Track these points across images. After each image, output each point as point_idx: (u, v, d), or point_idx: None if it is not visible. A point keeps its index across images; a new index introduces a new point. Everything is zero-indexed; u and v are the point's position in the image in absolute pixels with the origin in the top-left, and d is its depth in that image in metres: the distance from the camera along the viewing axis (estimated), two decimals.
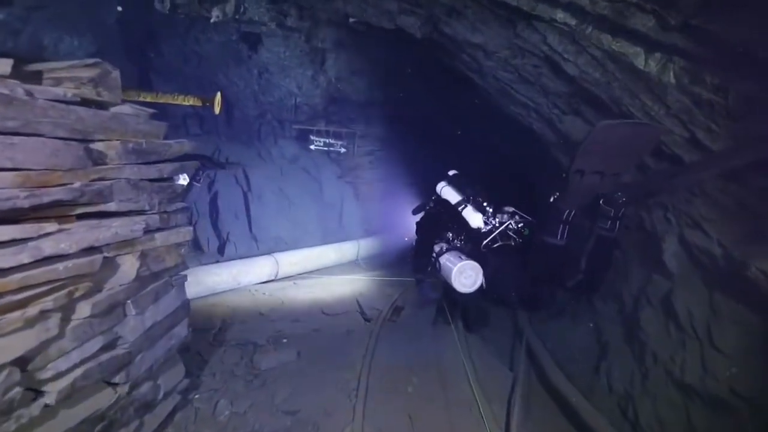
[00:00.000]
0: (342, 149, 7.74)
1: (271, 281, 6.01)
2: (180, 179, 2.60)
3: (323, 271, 6.85)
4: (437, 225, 3.70)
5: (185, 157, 2.57)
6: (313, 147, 7.64)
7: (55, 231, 1.61)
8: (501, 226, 3.33)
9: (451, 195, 3.61)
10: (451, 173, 3.83)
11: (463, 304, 4.92)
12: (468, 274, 3.15)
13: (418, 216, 3.96)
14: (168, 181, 2.46)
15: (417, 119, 7.75)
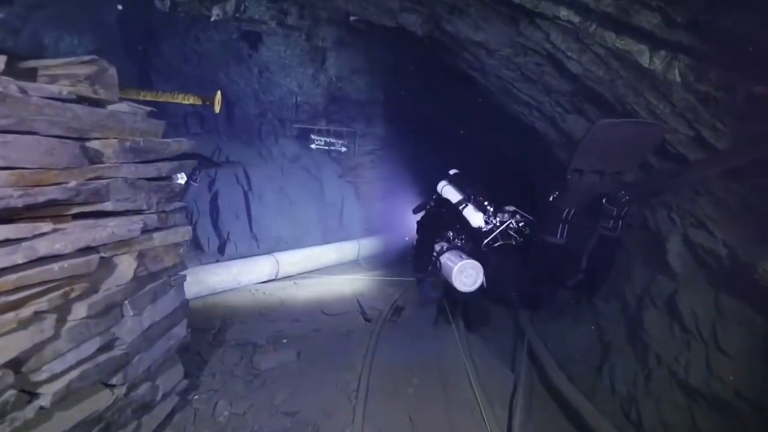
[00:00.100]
0: (343, 148, 7.72)
1: (272, 281, 5.99)
2: (178, 178, 2.57)
3: (324, 271, 6.81)
4: (438, 224, 3.69)
5: (184, 156, 2.54)
6: (313, 146, 7.62)
7: (50, 231, 1.58)
8: (502, 225, 3.32)
9: (451, 194, 3.60)
10: (451, 172, 3.81)
11: (464, 303, 4.90)
12: (468, 273, 3.14)
13: (418, 215, 3.95)
14: (166, 180, 2.43)
15: (418, 118, 7.71)
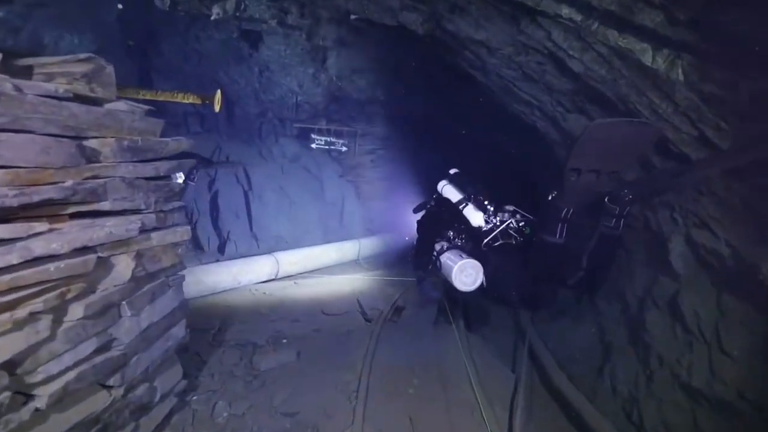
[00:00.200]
0: (343, 148, 7.70)
1: (272, 280, 5.97)
2: (176, 178, 2.55)
3: (324, 271, 6.80)
4: (438, 224, 3.69)
5: (182, 156, 2.52)
6: (314, 145, 7.60)
7: (46, 231, 1.56)
8: (502, 224, 3.32)
9: (452, 194, 3.59)
10: (452, 172, 3.81)
11: (464, 303, 4.89)
12: (468, 273, 3.14)
13: (419, 215, 3.94)
14: (165, 180, 2.41)
15: (419, 118, 7.69)
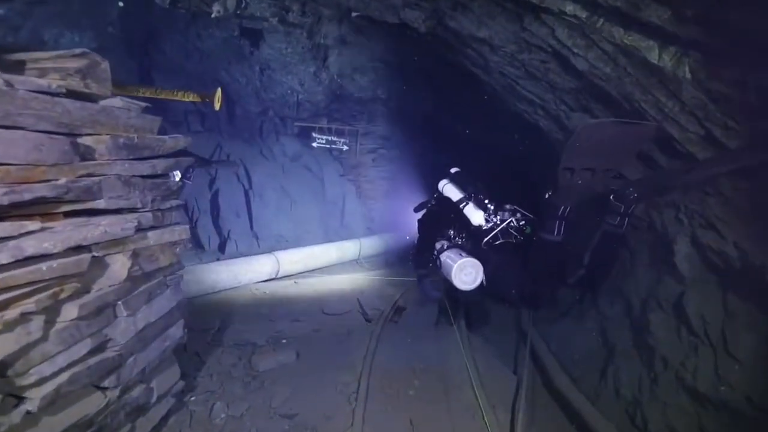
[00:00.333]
0: (344, 147, 7.67)
1: (272, 280, 5.95)
2: (174, 176, 2.52)
3: (324, 270, 6.77)
4: (439, 222, 3.68)
5: (180, 154, 2.49)
6: (315, 144, 7.58)
7: (38, 229, 1.52)
8: (502, 223, 3.30)
9: (452, 192, 3.57)
10: (452, 171, 3.79)
11: (465, 304, 4.86)
12: (468, 272, 3.12)
13: (420, 214, 3.92)
14: (162, 178, 2.38)
15: (421, 116, 7.66)
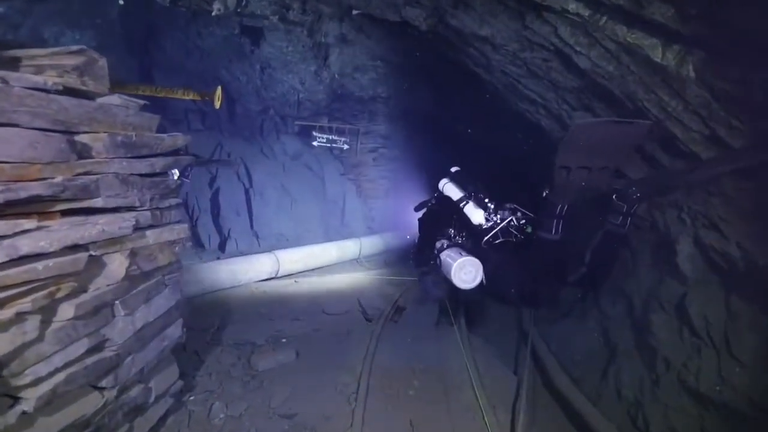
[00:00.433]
0: (345, 146, 7.66)
1: (272, 279, 5.92)
2: (172, 175, 2.51)
3: (325, 270, 6.75)
4: (439, 221, 3.67)
5: (179, 152, 2.47)
6: (315, 143, 7.57)
7: (34, 228, 1.50)
8: (502, 222, 3.29)
9: (453, 192, 3.57)
10: (453, 170, 3.78)
11: (466, 304, 4.85)
12: (468, 270, 3.10)
13: (420, 213, 3.91)
14: (161, 177, 2.36)
15: (422, 116, 7.63)
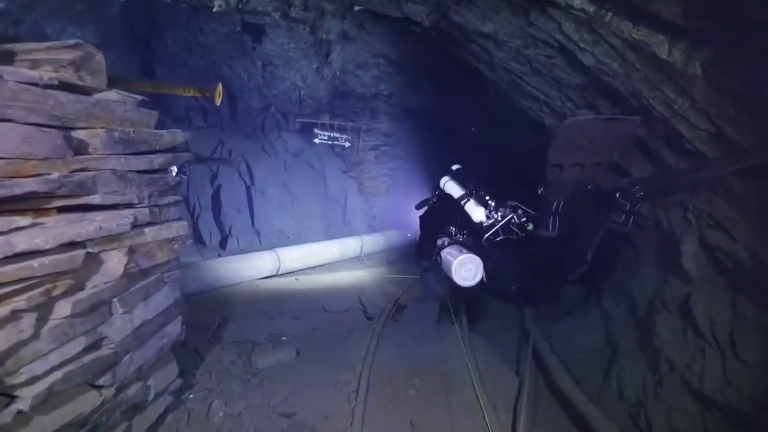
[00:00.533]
0: (347, 143, 7.64)
1: (273, 276, 5.91)
2: (170, 171, 2.48)
3: (325, 267, 6.73)
4: (440, 219, 3.66)
5: (176, 149, 2.44)
6: (317, 141, 7.54)
7: (29, 225, 1.48)
8: (503, 220, 3.28)
9: (454, 189, 3.56)
10: (454, 168, 3.77)
11: (467, 302, 4.83)
12: (468, 268, 3.09)
13: (421, 211, 3.89)
14: (160, 173, 2.33)
15: (424, 113, 7.59)
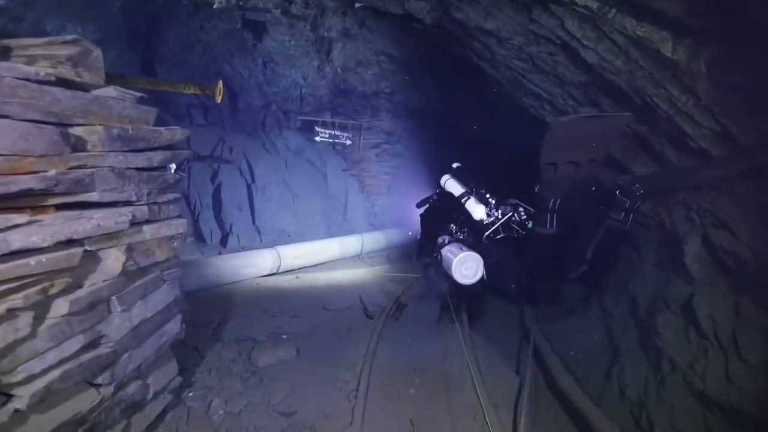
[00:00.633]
0: (347, 141, 7.61)
1: (274, 274, 5.90)
2: (170, 169, 2.46)
3: (326, 266, 6.71)
4: (441, 217, 3.64)
5: (173, 146, 2.42)
6: (318, 139, 7.52)
7: (25, 223, 1.47)
8: (504, 217, 3.25)
9: (454, 187, 3.54)
10: (454, 166, 3.76)
11: (467, 301, 4.82)
12: (468, 265, 3.07)
13: (422, 209, 3.88)
14: (159, 171, 2.32)
15: (425, 111, 7.57)
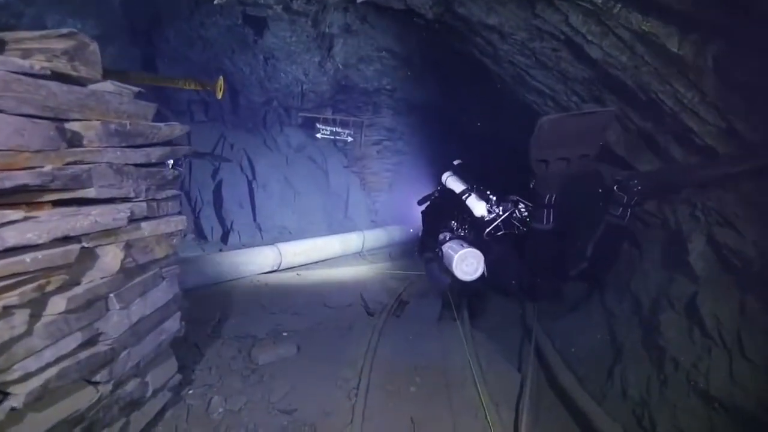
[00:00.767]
0: (349, 138, 7.59)
1: (275, 271, 5.88)
2: (167, 165, 2.45)
3: (327, 263, 6.69)
4: (442, 214, 3.65)
5: (176, 142, 2.41)
6: (319, 135, 7.50)
7: (21, 219, 1.44)
8: (504, 214, 3.25)
9: (455, 184, 3.53)
10: (456, 163, 3.75)
11: (469, 299, 4.80)
12: (469, 262, 3.07)
13: (423, 206, 3.87)
14: (157, 167, 2.29)
15: (427, 108, 7.53)
